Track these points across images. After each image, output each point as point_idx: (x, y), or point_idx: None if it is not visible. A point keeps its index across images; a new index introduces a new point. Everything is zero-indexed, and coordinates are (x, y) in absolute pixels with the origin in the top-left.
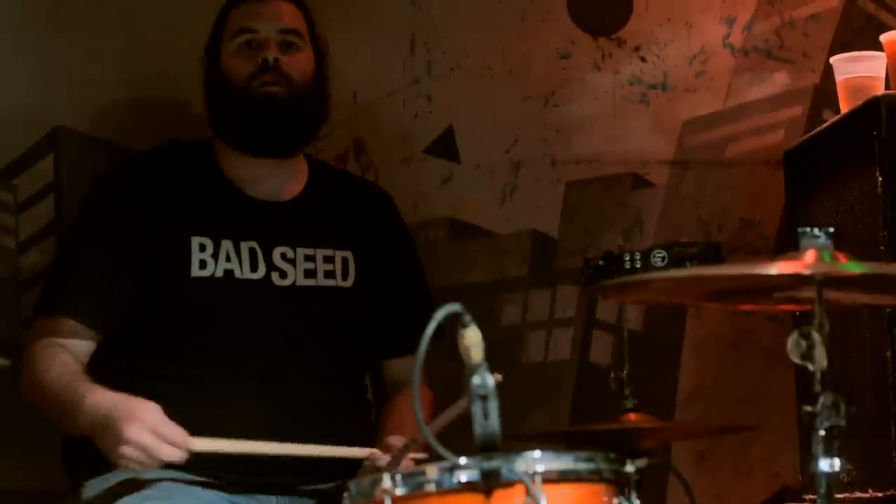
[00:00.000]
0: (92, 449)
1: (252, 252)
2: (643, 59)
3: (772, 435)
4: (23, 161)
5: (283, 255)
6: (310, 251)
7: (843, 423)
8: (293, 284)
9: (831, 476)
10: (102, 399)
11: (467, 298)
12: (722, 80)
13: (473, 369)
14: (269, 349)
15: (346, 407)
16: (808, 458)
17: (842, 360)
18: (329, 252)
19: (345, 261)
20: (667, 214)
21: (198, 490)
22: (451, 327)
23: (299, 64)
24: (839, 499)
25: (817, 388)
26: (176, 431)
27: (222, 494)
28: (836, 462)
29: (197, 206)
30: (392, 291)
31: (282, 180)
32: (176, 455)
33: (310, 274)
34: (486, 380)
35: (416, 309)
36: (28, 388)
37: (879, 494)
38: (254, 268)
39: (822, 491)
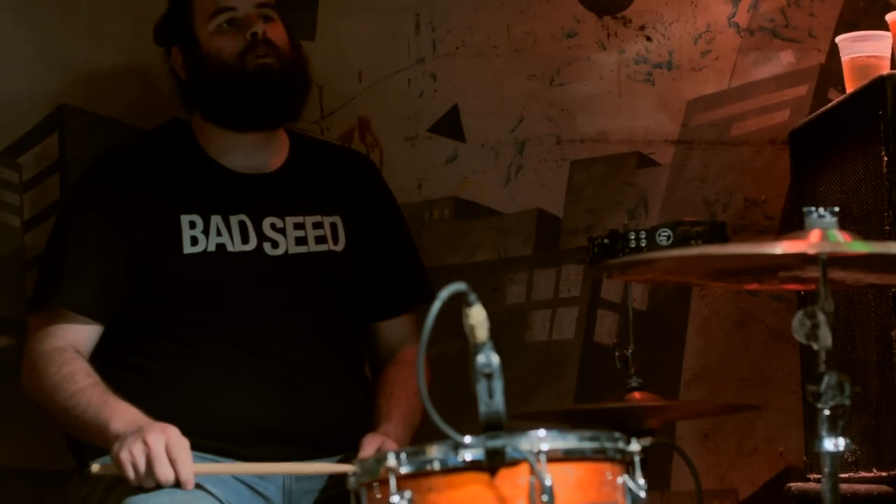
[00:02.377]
0: None
1: (242, 225)
2: (648, 38)
3: (776, 414)
4: (27, 139)
5: (273, 226)
6: (298, 219)
7: (847, 402)
8: (286, 253)
9: (835, 455)
10: (129, 419)
11: (472, 277)
12: (727, 60)
13: (478, 348)
14: (267, 319)
15: (346, 371)
16: (813, 437)
17: (846, 339)
18: (318, 218)
19: (333, 226)
20: (672, 194)
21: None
22: (456, 306)
23: (281, 34)
24: (843, 478)
25: (822, 367)
26: (185, 458)
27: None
28: (841, 441)
29: (183, 186)
30: (381, 254)
31: (264, 153)
32: (170, 479)
33: (301, 241)
34: (490, 358)
35: (405, 270)
36: (35, 390)
37: (884, 474)
38: (245, 240)
39: (827, 470)
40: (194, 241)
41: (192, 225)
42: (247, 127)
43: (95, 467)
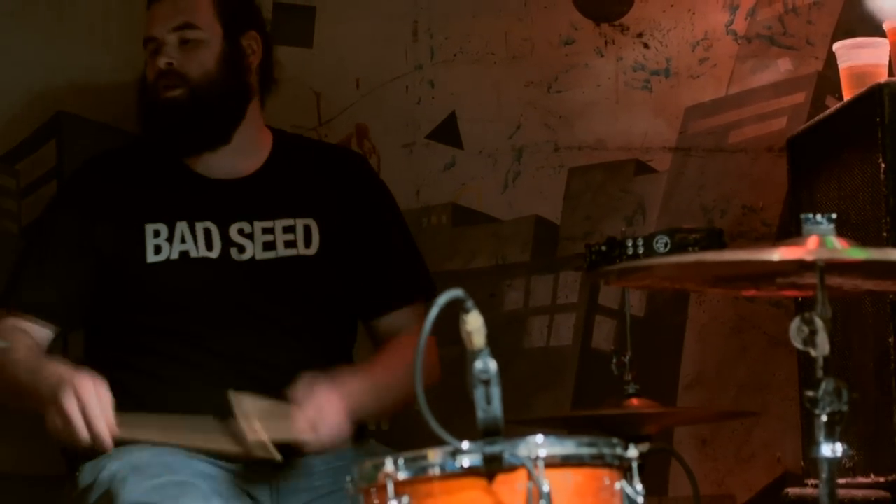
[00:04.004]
0: None
1: (207, 231)
2: (646, 46)
3: (774, 420)
4: (25, 146)
5: (241, 231)
6: (268, 223)
7: (845, 408)
8: (252, 258)
9: (833, 461)
10: (55, 369)
11: (470, 284)
12: (725, 67)
13: (475, 354)
14: (236, 326)
15: (327, 371)
16: (811, 443)
17: (844, 345)
18: (289, 221)
19: (307, 228)
20: (669, 200)
21: (193, 461)
22: (453, 313)
23: (197, 56)
24: (841, 484)
25: (819, 373)
26: (100, 416)
27: (217, 463)
28: (838, 447)
29: (152, 194)
30: (365, 251)
31: (235, 159)
32: (96, 441)
33: (269, 246)
34: (488, 365)
35: (394, 264)
36: None
37: (881, 479)
38: (209, 246)
39: (824, 476)
40: (157, 249)
41: (157, 233)
42: (170, 153)
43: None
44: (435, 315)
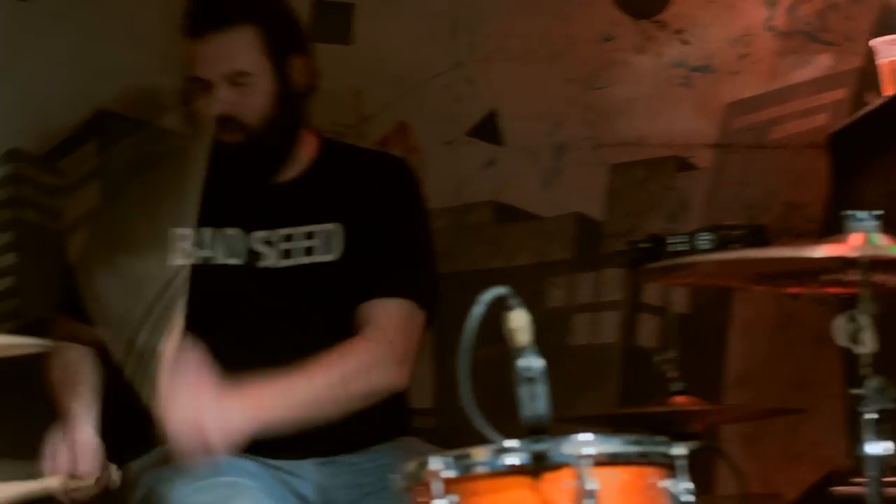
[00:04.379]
0: (134, 430)
1: (232, 238)
2: (686, 42)
3: (820, 418)
4: (67, 144)
5: (263, 239)
6: (289, 231)
7: (891, 406)
8: (272, 266)
9: (880, 459)
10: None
11: (513, 282)
12: (765, 63)
13: (520, 352)
14: (255, 333)
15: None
16: (857, 441)
17: (889, 342)
18: (312, 228)
19: (329, 234)
20: (712, 197)
21: (238, 460)
22: (498, 311)
23: (252, 101)
24: (888, 482)
25: (865, 371)
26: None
27: (263, 462)
28: (886, 445)
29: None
30: (375, 248)
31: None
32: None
33: (287, 254)
34: (533, 362)
35: (386, 256)
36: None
37: None
38: (232, 253)
39: (871, 474)
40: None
41: (183, 239)
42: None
43: None
44: (480, 313)
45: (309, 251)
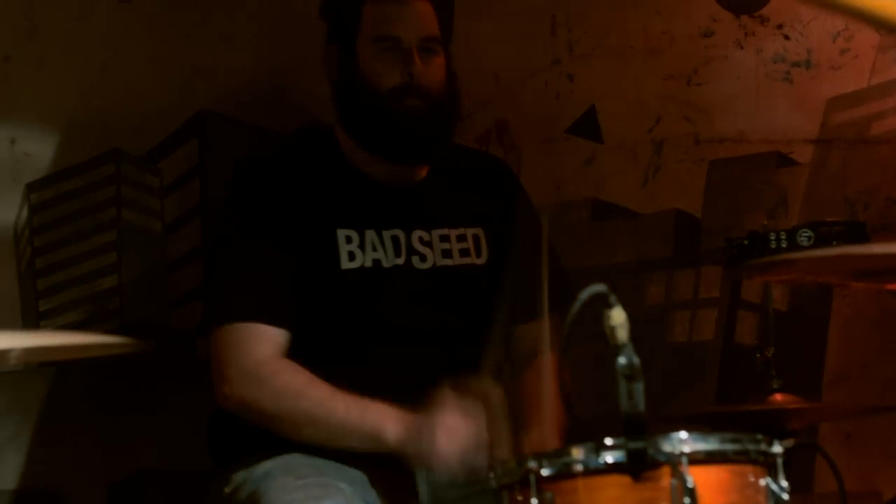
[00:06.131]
0: (237, 434)
1: (395, 239)
2: (786, 37)
3: None
4: (167, 144)
5: (421, 239)
6: (444, 231)
7: None
8: (433, 266)
9: None
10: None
11: (611, 279)
12: (867, 58)
13: (619, 350)
14: (416, 333)
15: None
16: None
17: None
18: (461, 231)
19: (476, 238)
20: (812, 193)
21: (345, 466)
22: (595, 308)
23: (437, 72)
24: None
25: None
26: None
27: (369, 470)
28: None
29: (335, 199)
30: (520, 260)
31: (409, 169)
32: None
33: (447, 254)
34: (631, 360)
35: (542, 273)
36: (262, 399)
37: None
38: (398, 254)
39: None
40: (351, 256)
41: (349, 240)
42: (387, 159)
43: None
44: (577, 309)
45: (464, 253)
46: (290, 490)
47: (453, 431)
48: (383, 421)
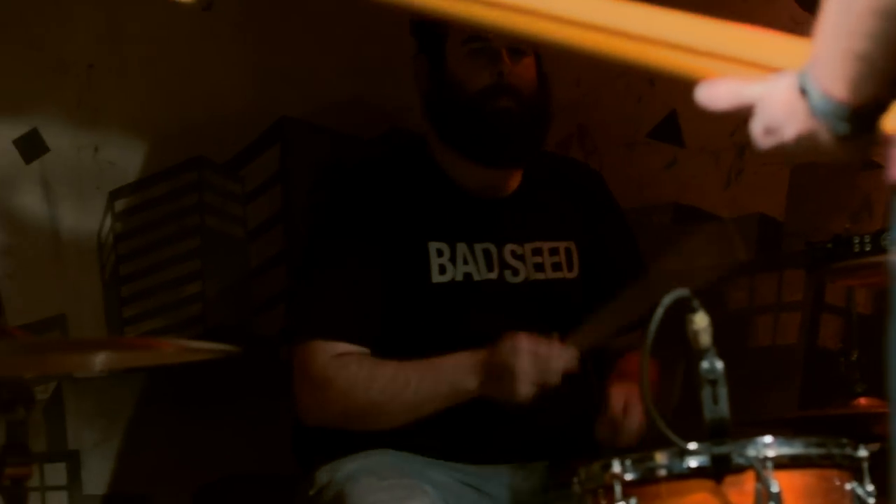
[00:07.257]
0: (320, 436)
1: (487, 253)
2: None
3: None
4: (249, 151)
5: (513, 253)
6: (537, 245)
7: None
8: (525, 280)
9: None
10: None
11: (693, 283)
12: None
13: (702, 354)
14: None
15: (580, 390)
16: None
17: None
18: (554, 244)
19: (568, 251)
20: None
21: (430, 468)
22: (678, 312)
23: (528, 72)
24: None
25: None
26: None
27: (454, 475)
28: None
29: (427, 211)
30: (612, 272)
31: (502, 178)
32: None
33: (539, 268)
34: (714, 364)
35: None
36: (333, 400)
37: None
38: (490, 268)
39: None
40: (442, 269)
41: (440, 253)
42: (479, 162)
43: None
44: (661, 314)
45: (556, 267)
46: (376, 491)
47: (528, 353)
48: (457, 374)
